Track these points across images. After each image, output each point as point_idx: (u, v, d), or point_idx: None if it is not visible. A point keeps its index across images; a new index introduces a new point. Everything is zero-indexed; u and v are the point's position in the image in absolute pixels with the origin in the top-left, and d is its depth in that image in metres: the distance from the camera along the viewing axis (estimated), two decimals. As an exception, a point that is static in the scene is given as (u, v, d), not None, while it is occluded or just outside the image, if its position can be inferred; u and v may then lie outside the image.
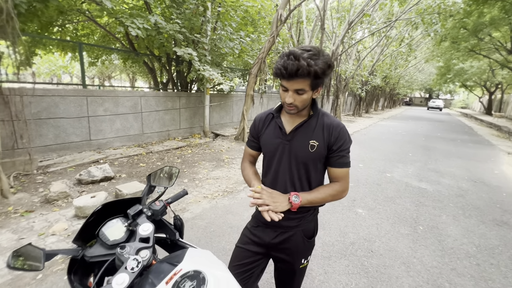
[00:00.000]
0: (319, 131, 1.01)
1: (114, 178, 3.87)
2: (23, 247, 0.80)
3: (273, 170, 1.09)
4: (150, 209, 1.01)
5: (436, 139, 9.27)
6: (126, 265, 0.80)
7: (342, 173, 1.03)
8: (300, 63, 0.84)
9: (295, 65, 0.85)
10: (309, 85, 0.90)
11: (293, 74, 0.87)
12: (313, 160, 1.02)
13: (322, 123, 1.02)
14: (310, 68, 0.85)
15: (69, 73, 20.49)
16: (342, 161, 1.02)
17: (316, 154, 1.01)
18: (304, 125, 1.03)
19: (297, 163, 1.03)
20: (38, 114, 4.26)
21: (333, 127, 1.00)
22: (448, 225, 2.98)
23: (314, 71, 0.85)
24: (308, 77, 0.88)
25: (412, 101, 51.99)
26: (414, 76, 30.14)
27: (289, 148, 1.04)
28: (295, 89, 0.91)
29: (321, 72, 0.87)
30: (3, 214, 2.73)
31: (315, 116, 1.03)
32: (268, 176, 1.12)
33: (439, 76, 24.50)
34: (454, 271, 2.17)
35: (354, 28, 11.63)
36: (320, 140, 1.01)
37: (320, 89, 0.97)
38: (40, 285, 1.82)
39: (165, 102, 6.42)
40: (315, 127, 1.02)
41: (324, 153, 1.02)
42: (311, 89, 0.93)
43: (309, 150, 1.01)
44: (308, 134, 1.02)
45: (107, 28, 6.96)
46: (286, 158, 1.05)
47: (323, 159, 1.03)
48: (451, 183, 4.49)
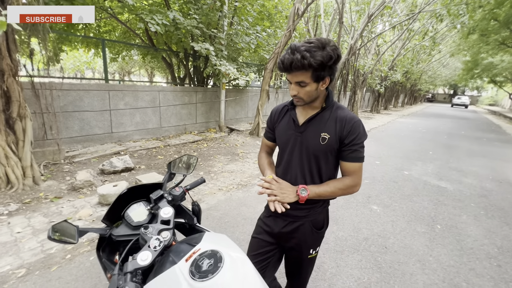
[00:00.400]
0: (331, 123, 1.02)
1: (134, 169, 4.05)
2: (60, 223, 0.89)
3: (285, 161, 1.11)
4: (170, 194, 1.08)
5: (460, 137, 8.85)
6: (149, 243, 0.87)
7: (354, 168, 1.03)
8: (294, 57, 0.86)
9: (289, 59, 0.88)
10: (310, 77, 0.91)
11: (288, 68, 0.90)
12: (323, 153, 1.03)
13: (335, 116, 1.02)
14: (304, 61, 0.86)
15: (92, 69, 21.35)
16: (354, 155, 1.01)
17: (327, 146, 1.02)
18: (317, 117, 1.04)
19: (308, 155, 1.05)
20: (65, 107, 4.51)
21: (346, 121, 1.00)
22: (468, 225, 2.88)
23: (308, 64, 0.86)
24: (304, 69, 0.89)
25: (435, 97, 49.70)
26: (437, 71, 28.71)
27: (301, 140, 1.05)
28: (296, 81, 0.94)
29: (317, 64, 0.87)
30: (35, 199, 2.95)
31: (329, 109, 1.04)
32: (280, 166, 1.15)
33: (465, 71, 23.16)
34: (473, 271, 2.11)
35: (374, 21, 11.25)
36: (331, 133, 1.01)
37: (327, 80, 0.95)
38: (69, 264, 1.97)
39: (182, 97, 6.57)
40: (327, 119, 1.03)
41: (335, 146, 1.02)
42: (314, 81, 0.93)
43: (320, 142, 1.02)
44: (320, 127, 1.03)
45: (128, 25, 7.18)
46: (297, 150, 1.07)
47: (334, 152, 1.04)
48: (473, 182, 4.31)
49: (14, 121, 2.99)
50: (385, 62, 16.09)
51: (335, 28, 10.95)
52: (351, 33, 11.12)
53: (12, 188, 3.03)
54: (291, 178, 1.09)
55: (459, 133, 9.98)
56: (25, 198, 2.94)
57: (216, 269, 0.72)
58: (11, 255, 2.04)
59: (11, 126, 2.99)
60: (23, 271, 1.88)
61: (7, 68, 2.73)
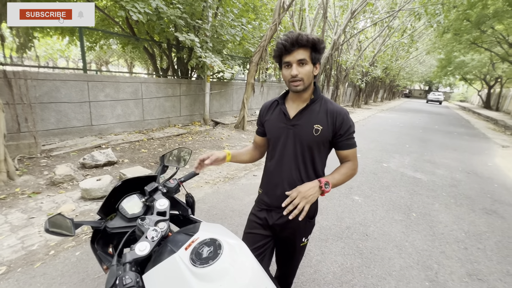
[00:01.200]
0: (323, 116, 1.08)
1: (117, 163, 3.95)
2: (54, 216, 0.88)
3: (277, 154, 1.15)
4: (165, 186, 1.09)
5: (433, 132, 9.39)
6: (147, 234, 0.89)
7: (353, 153, 1.13)
8: (299, 33, 0.98)
9: (295, 34, 0.98)
10: (309, 56, 1.00)
11: (293, 43, 0.97)
12: (317, 144, 1.09)
13: (325, 109, 1.09)
14: (308, 37, 0.98)
15: (66, 57, 20.11)
16: (350, 142, 1.10)
17: (320, 137, 1.08)
18: (307, 109, 1.09)
19: (301, 147, 1.10)
20: (40, 98, 4.27)
21: (337, 113, 1.07)
22: (440, 212, 3.11)
23: (312, 39, 0.98)
24: (307, 46, 0.99)
25: (411, 93, 51.91)
26: (414, 68, 29.96)
27: (293, 133, 1.10)
28: (298, 59, 0.99)
29: (317, 41, 0.99)
30: (11, 195, 2.81)
31: (318, 101, 1.10)
32: (273, 160, 1.18)
33: (439, 69, 24.38)
34: (443, 254, 2.30)
35: (357, 17, 11.49)
36: (324, 124, 1.07)
37: (318, 66, 1.06)
38: (53, 260, 1.93)
39: (165, 89, 6.41)
40: (318, 111, 1.09)
41: (328, 137, 1.09)
42: (312, 62, 1.02)
43: (313, 134, 1.07)
44: (312, 118, 1.08)
45: (106, 12, 6.83)
46: (291, 142, 1.11)
47: (327, 143, 1.10)
48: (445, 173, 4.63)
49: (-16, 113, 2.80)
50: (366, 58, 16.54)
51: (319, 23, 11.06)
52: (334, 28, 11.29)
53: (-16, 183, 2.86)
54: (286, 171, 1.13)
55: (433, 127, 10.57)
56: (0, 194, 2.79)
57: (216, 255, 0.76)
58: (-11, 253, 1.95)
59: (-18, 117, 2.80)
60: (3, 269, 1.81)
61: (-24, 55, 2.54)
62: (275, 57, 1.06)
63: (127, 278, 0.74)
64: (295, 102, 1.13)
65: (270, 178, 1.19)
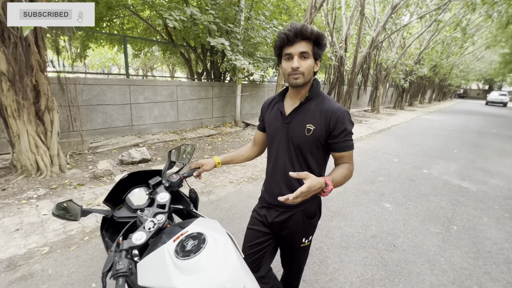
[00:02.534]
0: (316, 115, 1.02)
1: (150, 160, 4.24)
2: (66, 202, 0.98)
3: (274, 152, 1.14)
4: (168, 181, 1.14)
5: (491, 136, 8.25)
6: (144, 225, 0.94)
7: (349, 155, 1.04)
8: (304, 24, 0.95)
9: (299, 25, 0.95)
10: (311, 50, 0.97)
11: (297, 34, 0.94)
12: (308, 144, 1.03)
13: (320, 107, 1.02)
14: (312, 29, 0.95)
15: (117, 65, 22.35)
16: (346, 144, 1.02)
17: (312, 137, 1.02)
18: (302, 108, 1.04)
19: (294, 146, 1.06)
20: (89, 100, 4.80)
21: (332, 112, 1.00)
22: (488, 227, 2.71)
23: (316, 32, 0.95)
24: (311, 39, 0.95)
25: (467, 93, 46.36)
26: (471, 65, 26.70)
27: (287, 131, 1.06)
28: (300, 51, 0.95)
29: (321, 36, 0.95)
30: (61, 186, 3.20)
31: (314, 99, 1.04)
32: (271, 158, 1.17)
33: (503, 64, 21.42)
34: (487, 275, 2.00)
35: (399, 12, 10.69)
36: (316, 124, 1.01)
37: (319, 62, 1.02)
38: (86, 245, 2.14)
39: (199, 92, 6.71)
40: (312, 110, 1.03)
41: (322, 138, 1.02)
42: (313, 57, 0.98)
43: (305, 133, 1.02)
44: (305, 118, 1.03)
45: (149, 22, 7.43)
46: (284, 141, 1.08)
47: (320, 143, 1.03)
48: (500, 183, 4.02)
49: (42, 113, 3.24)
50: (411, 56, 15.27)
51: (356, 21, 10.55)
52: (373, 25, 10.66)
53: (41, 174, 3.30)
54: (281, 170, 1.11)
55: (490, 131, 9.30)
56: (52, 184, 3.20)
57: (198, 249, 0.77)
58: (38, 234, 2.24)
59: (40, 117, 3.25)
60: (46, 249, 2.06)
61: (36, 64, 2.96)
62: (275, 48, 1.02)
63: (120, 264, 0.79)
64: (292, 99, 1.09)
65: (269, 176, 1.18)
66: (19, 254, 1.98)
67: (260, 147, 1.32)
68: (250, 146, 1.34)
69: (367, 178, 3.95)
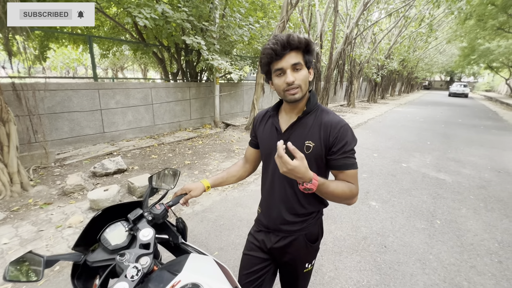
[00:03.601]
0: (315, 130, 0.92)
1: (127, 170, 3.95)
2: (23, 255, 0.79)
3: (270, 172, 1.04)
4: (151, 213, 0.99)
5: (457, 126, 8.82)
6: (126, 273, 0.78)
7: (351, 175, 0.92)
8: (289, 34, 0.86)
9: (284, 36, 0.86)
10: (303, 59, 0.88)
11: (285, 44, 0.85)
12: (309, 163, 0.92)
13: (319, 121, 0.93)
14: (300, 37, 0.86)
15: (84, 65, 20.91)
16: (347, 162, 0.91)
17: (312, 155, 0.92)
18: (300, 123, 0.95)
19: None
20: (53, 108, 4.36)
21: (331, 126, 0.90)
22: (468, 219, 2.84)
23: (304, 40, 0.87)
24: (299, 49, 0.87)
25: (431, 85, 49.54)
26: (434, 58, 28.49)
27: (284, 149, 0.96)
28: (292, 64, 0.86)
29: (310, 42, 0.88)
30: (24, 207, 2.85)
31: (313, 113, 0.95)
32: (266, 178, 1.07)
33: (462, 57, 23.06)
34: (474, 269, 2.06)
35: (370, 9, 11.01)
36: (316, 140, 0.92)
37: (311, 70, 0.93)
38: (57, 277, 1.90)
39: (175, 93, 6.41)
40: (311, 125, 0.93)
41: (321, 154, 0.93)
42: (306, 66, 0.90)
43: (304, 151, 0.92)
44: (304, 134, 0.93)
45: (116, 19, 6.93)
46: None
47: (321, 161, 0.94)
48: (472, 173, 4.27)
49: (-4, 126, 2.86)
50: (382, 51, 15.88)
51: (330, 17, 10.71)
52: (346, 21, 10.89)
53: (-1, 195, 2.93)
54: (279, 191, 1.01)
55: (456, 121, 9.94)
56: (13, 205, 2.84)
57: (196, 309, 0.64)
58: (-3, 269, 1.95)
59: (-6, 131, 2.86)
60: (9, 286, 1.80)
61: (-16, 71, 2.59)
62: (262, 66, 0.91)
63: None
64: (288, 113, 0.99)
65: (266, 198, 1.08)
66: (-26, 297, 1.70)
67: (253, 164, 1.21)
68: (241, 164, 1.22)
69: (351, 175, 3.99)
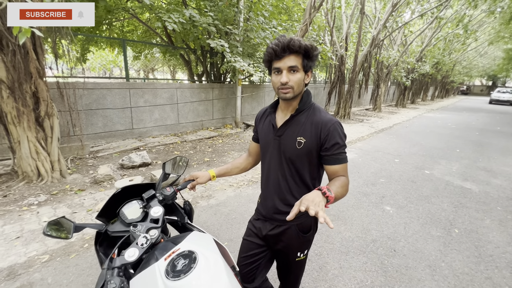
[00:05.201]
0: (307, 127, 1.00)
1: (151, 164, 4.25)
2: (58, 219, 0.97)
3: (266, 164, 1.13)
4: (162, 194, 1.14)
5: (494, 134, 8.17)
6: (137, 241, 0.93)
7: (342, 169, 1.00)
8: (292, 38, 0.92)
9: (286, 39, 0.92)
10: (301, 63, 0.94)
11: (284, 48, 0.92)
12: (299, 157, 1.02)
13: (311, 119, 1.01)
14: (301, 43, 0.92)
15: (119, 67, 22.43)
16: (339, 157, 0.99)
17: (303, 150, 1.00)
18: (293, 120, 1.03)
19: (286, 159, 1.04)
20: (89, 105, 4.82)
21: (322, 124, 0.98)
22: (491, 230, 2.68)
23: (304, 45, 0.92)
24: (299, 52, 0.93)
25: (470, 89, 45.89)
26: (474, 61, 26.42)
27: (279, 144, 1.05)
28: (288, 66, 0.93)
29: (310, 47, 0.93)
30: (61, 191, 3.21)
31: (306, 111, 1.03)
32: (263, 170, 1.17)
33: (506, 60, 21.16)
34: (489, 280, 1.97)
35: (400, 9, 10.60)
36: (307, 136, 1.00)
37: (310, 74, 1.00)
38: (86, 253, 2.15)
39: (199, 94, 6.71)
40: (303, 122, 1.01)
41: (313, 151, 1.00)
42: (303, 69, 0.96)
43: (296, 146, 1.01)
44: (296, 130, 1.02)
45: (149, 24, 7.43)
46: (276, 154, 1.07)
47: (312, 156, 1.02)
48: (504, 184, 3.98)
49: (42, 119, 3.25)
50: (413, 53, 15.14)
51: (356, 19, 10.48)
52: (374, 23, 10.58)
53: (42, 180, 3.32)
54: (274, 183, 1.10)
55: (494, 129, 9.20)
56: (53, 190, 3.21)
57: (188, 269, 0.76)
58: (38, 242, 2.25)
59: (40, 124, 3.26)
60: (46, 257, 2.07)
61: (35, 71, 2.97)
62: (264, 62, 1.01)
63: (112, 283, 0.78)
64: (283, 111, 1.08)
65: (263, 189, 1.18)
66: (19, 263, 1.99)
67: (255, 157, 1.31)
68: (245, 157, 1.33)
69: (368, 180, 3.92)
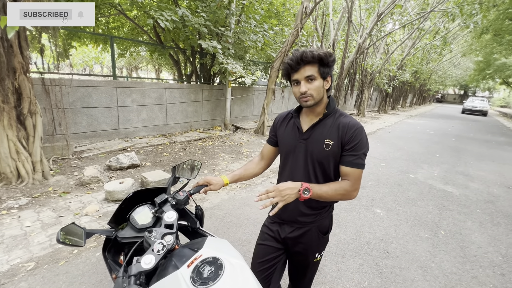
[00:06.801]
0: (334, 130, 1.04)
1: (140, 165, 4.11)
2: (68, 226, 0.92)
3: (289, 168, 1.14)
4: (174, 198, 1.11)
5: (468, 140, 8.70)
6: (153, 247, 0.90)
7: (353, 173, 1.02)
8: (304, 51, 0.98)
9: (299, 53, 0.98)
10: (317, 71, 0.99)
11: (298, 61, 0.97)
12: (327, 159, 1.05)
13: (338, 123, 1.05)
14: (313, 53, 0.97)
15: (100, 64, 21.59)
16: (354, 161, 1.01)
17: (330, 152, 1.04)
18: (320, 124, 1.07)
19: (312, 161, 1.07)
20: (74, 103, 4.59)
21: (348, 127, 1.02)
22: (473, 231, 2.85)
23: (318, 55, 0.97)
24: (314, 63, 0.98)
25: (444, 98, 48.69)
26: (448, 71, 28.13)
27: (305, 147, 1.08)
28: (305, 76, 0.99)
29: (324, 56, 0.97)
30: (44, 194, 3.03)
31: (332, 116, 1.07)
32: (284, 173, 1.17)
33: (477, 72, 22.62)
34: (475, 279, 2.09)
35: (384, 20, 11.07)
36: (334, 139, 1.03)
37: (329, 79, 1.04)
38: (76, 259, 2.03)
39: (188, 94, 6.60)
40: (330, 126, 1.05)
41: (338, 152, 1.04)
42: (321, 77, 1.00)
43: (324, 148, 1.04)
44: (324, 133, 1.05)
45: (136, 21, 7.23)
46: (302, 157, 1.09)
47: (338, 157, 1.05)
48: (480, 187, 4.24)
49: (25, 117, 3.06)
50: (394, 62, 15.84)
51: (343, 27, 10.81)
52: (360, 31, 10.97)
53: (22, 182, 3.12)
54: None
55: (468, 135, 9.81)
56: (35, 192, 3.02)
57: (216, 276, 0.75)
58: (21, 248, 2.11)
59: (22, 122, 3.07)
60: (32, 265, 1.94)
61: (19, 66, 2.80)
62: (284, 76, 1.07)
63: None
64: (308, 116, 1.11)
65: None
66: (2, 271, 1.85)
67: (268, 161, 1.31)
68: (257, 161, 1.32)
69: (357, 183, 4.03)
